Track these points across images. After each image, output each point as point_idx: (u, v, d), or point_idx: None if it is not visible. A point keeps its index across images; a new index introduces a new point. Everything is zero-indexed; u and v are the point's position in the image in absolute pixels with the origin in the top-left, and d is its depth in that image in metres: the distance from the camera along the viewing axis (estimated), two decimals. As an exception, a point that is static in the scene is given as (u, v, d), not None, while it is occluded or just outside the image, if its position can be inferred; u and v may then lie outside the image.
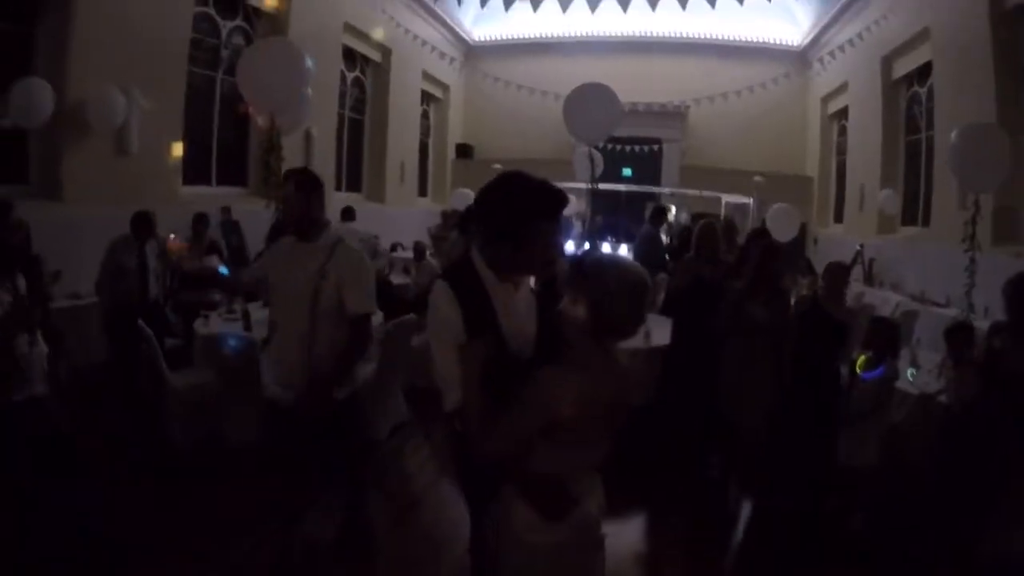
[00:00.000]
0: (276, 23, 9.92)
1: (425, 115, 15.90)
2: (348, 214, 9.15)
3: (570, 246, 12.81)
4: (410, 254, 10.69)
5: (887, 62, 11.46)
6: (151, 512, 3.76)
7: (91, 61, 6.73)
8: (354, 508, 3.16)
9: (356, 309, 3.04)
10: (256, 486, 3.98)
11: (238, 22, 9.64)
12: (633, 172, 15.10)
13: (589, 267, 1.88)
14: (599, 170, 11.76)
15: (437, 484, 4.60)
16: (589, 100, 6.31)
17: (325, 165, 11.07)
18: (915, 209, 10.91)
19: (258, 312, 5.31)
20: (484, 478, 2.00)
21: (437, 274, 7.39)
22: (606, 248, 11.78)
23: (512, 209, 1.98)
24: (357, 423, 3.33)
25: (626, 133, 12.77)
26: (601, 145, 12.37)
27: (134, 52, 7.15)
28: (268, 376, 3.14)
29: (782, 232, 9.44)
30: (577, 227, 14.31)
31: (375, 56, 13.09)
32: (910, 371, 4.62)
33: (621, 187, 14.12)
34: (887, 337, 4.16)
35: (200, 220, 7.26)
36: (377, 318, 5.82)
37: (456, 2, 14.32)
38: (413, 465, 4.98)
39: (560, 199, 2.01)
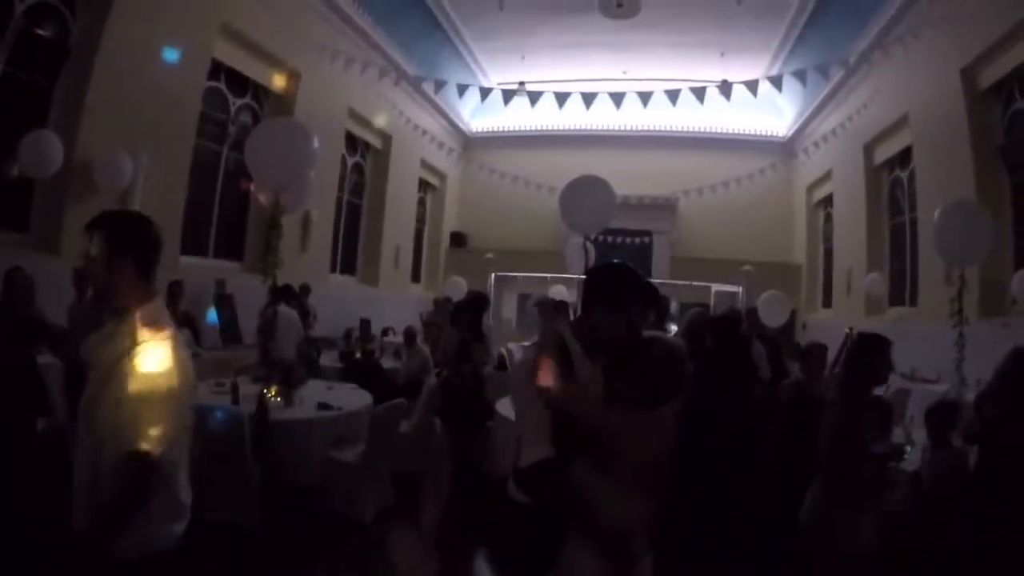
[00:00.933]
0: (283, 103, 10.29)
1: (422, 202, 16.24)
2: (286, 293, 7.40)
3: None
4: (400, 339, 10.78)
5: (869, 149, 11.90)
6: None
7: (104, 121, 6.92)
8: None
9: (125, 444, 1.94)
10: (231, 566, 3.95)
11: (247, 100, 10.00)
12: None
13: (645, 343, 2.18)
14: (591, 260, 11.98)
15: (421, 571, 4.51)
16: (585, 192, 6.49)
17: (322, 247, 11.29)
18: (902, 289, 11.08)
19: (248, 387, 5.32)
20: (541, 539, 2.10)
21: (427, 359, 7.47)
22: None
23: (630, 290, 2.25)
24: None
25: (617, 225, 13.02)
26: (593, 236, 12.66)
27: (146, 118, 7.36)
28: None
29: (773, 318, 9.57)
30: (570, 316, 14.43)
31: (376, 142, 13.51)
32: (907, 448, 4.58)
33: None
34: (881, 415, 4.10)
35: (172, 289, 7.30)
36: (365, 400, 5.85)
37: (457, 94, 14.91)
38: (398, 552, 4.89)
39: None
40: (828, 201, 14.50)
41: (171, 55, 7.63)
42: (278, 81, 10.23)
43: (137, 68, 7.24)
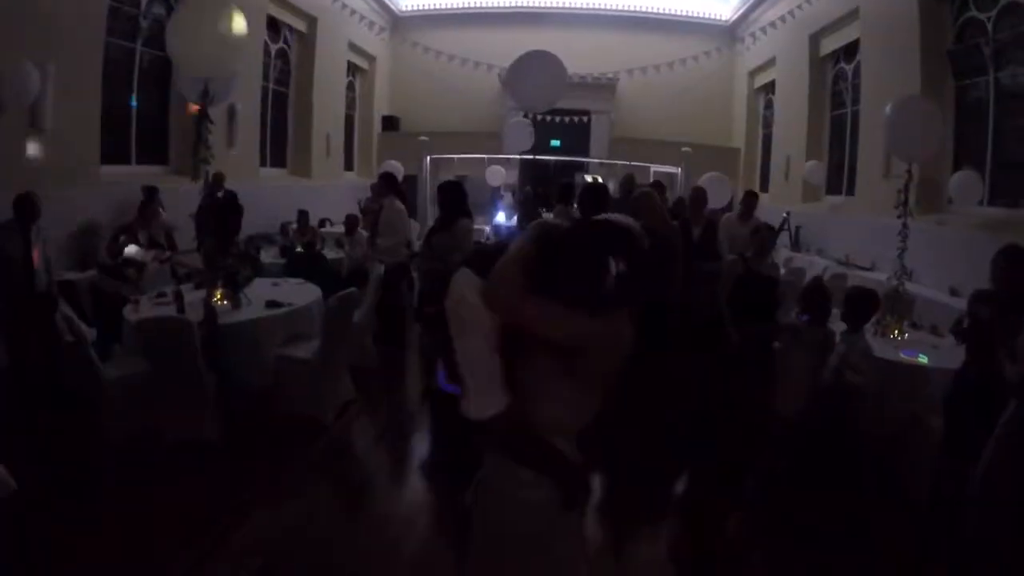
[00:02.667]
0: (197, -10, 9.23)
1: (351, 87, 15.32)
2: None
3: (501, 217, 12.85)
4: (339, 229, 10.42)
5: (815, 39, 11.81)
6: (93, 517, 3.43)
7: (2, 30, 6.07)
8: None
9: None
10: (202, 484, 3.81)
11: (158, -11, 8.90)
12: (562, 143, 15.08)
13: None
14: (527, 144, 11.73)
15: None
16: (534, 67, 6.17)
17: (250, 141, 10.56)
18: (839, 179, 11.32)
19: (191, 294, 5.00)
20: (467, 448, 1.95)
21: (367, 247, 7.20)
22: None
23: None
24: None
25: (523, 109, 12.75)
26: (530, 116, 12.32)
27: (49, 21, 6.49)
28: None
29: (714, 199, 9.64)
30: (507, 198, 14.32)
31: (300, 26, 12.47)
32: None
33: (550, 158, 14.12)
34: (821, 300, 4.25)
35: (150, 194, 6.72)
36: (313, 293, 5.61)
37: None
38: (363, 449, 4.82)
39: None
40: (769, 88, 14.47)
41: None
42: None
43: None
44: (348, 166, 15.25)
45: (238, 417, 4.49)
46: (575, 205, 5.97)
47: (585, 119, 15.29)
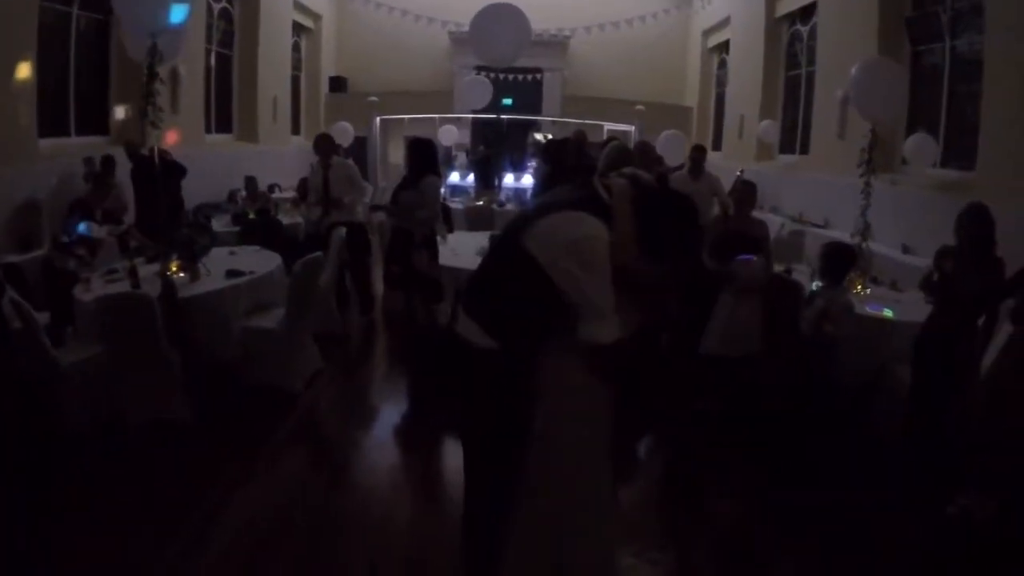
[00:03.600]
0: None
1: (296, 47, 14.74)
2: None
3: (455, 177, 12.68)
4: (290, 194, 10.15)
5: (771, 1, 11.81)
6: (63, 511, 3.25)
7: None
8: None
9: None
10: (174, 465, 3.66)
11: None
12: (514, 102, 14.89)
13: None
14: (484, 101, 11.53)
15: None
16: (497, 21, 6.01)
17: (194, 106, 10.10)
18: (793, 139, 11.45)
19: (145, 268, 4.76)
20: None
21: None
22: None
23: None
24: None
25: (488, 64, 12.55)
26: (480, 73, 12.12)
27: None
28: None
29: (670, 157, 9.70)
30: (460, 158, 14.14)
31: (243, -16, 11.92)
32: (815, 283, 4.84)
33: (503, 116, 13.92)
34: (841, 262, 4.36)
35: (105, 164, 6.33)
36: (273, 260, 5.41)
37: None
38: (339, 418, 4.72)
39: None
40: (723, 47, 14.50)
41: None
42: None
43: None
44: (295, 130, 14.76)
45: (206, 394, 4.31)
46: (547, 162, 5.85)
47: (538, 76, 15.13)
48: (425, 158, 5.42)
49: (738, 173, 11.21)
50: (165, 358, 4.05)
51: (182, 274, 4.71)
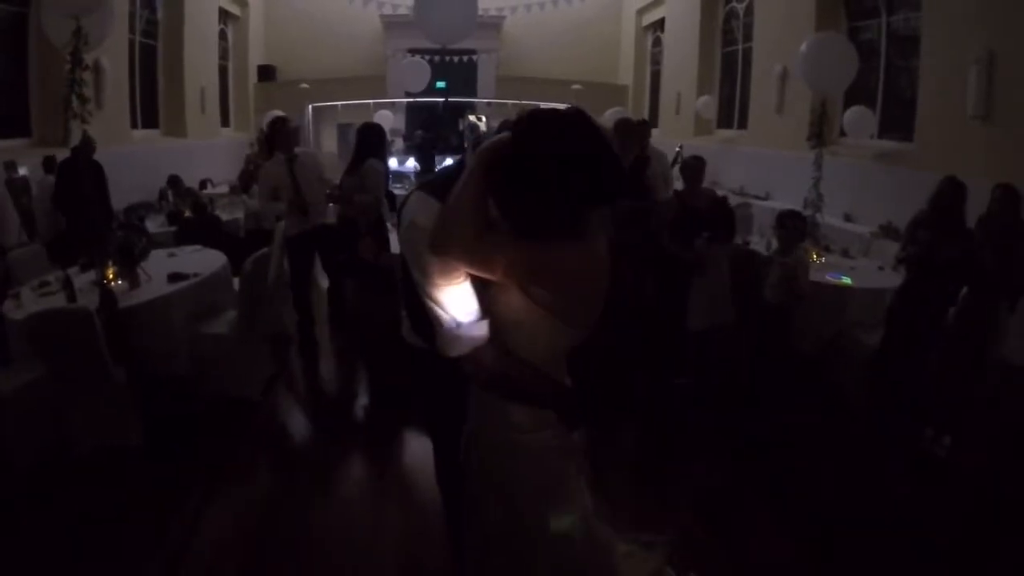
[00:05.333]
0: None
1: (223, 36, 14.16)
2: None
3: (392, 163, 12.43)
4: (223, 189, 9.78)
5: (707, -21, 11.97)
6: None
7: None
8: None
9: None
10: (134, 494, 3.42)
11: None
12: (448, 84, 14.68)
13: None
14: (423, 84, 11.31)
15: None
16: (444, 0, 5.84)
17: (119, 100, 9.55)
18: (730, 114, 11.62)
19: (80, 277, 4.45)
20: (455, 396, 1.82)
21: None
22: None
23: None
24: None
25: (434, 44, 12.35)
26: (409, 57, 11.88)
27: None
28: None
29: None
30: (397, 143, 13.88)
31: (166, -30, 11.32)
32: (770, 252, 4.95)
33: (438, 99, 13.74)
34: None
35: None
36: (218, 260, 5.13)
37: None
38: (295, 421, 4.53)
39: None
40: (658, 25, 14.64)
41: None
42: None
43: None
44: (224, 122, 14.20)
45: (159, 411, 4.04)
46: None
47: (472, 58, 14.93)
48: (368, 143, 5.22)
49: (677, 149, 11.36)
50: (110, 375, 3.76)
51: (120, 281, 4.38)
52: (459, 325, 1.60)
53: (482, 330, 1.61)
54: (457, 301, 1.60)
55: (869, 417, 4.21)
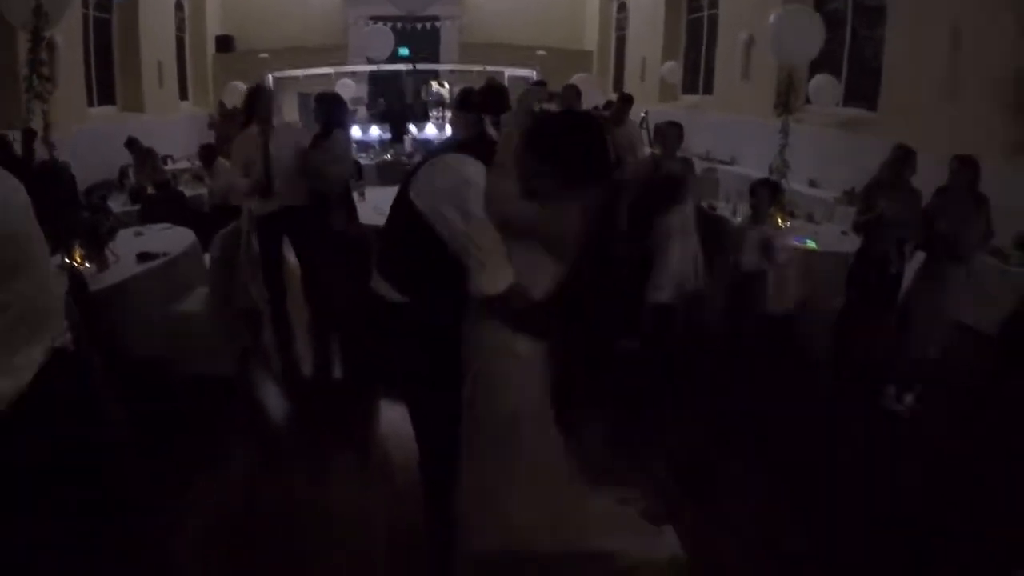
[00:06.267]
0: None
1: (179, 6, 13.70)
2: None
3: (356, 132, 12.26)
4: (184, 164, 9.58)
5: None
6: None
7: None
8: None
9: None
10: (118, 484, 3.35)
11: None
12: (411, 51, 14.49)
13: None
14: (387, 51, 11.13)
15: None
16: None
17: (74, 77, 9.25)
18: (695, 80, 11.67)
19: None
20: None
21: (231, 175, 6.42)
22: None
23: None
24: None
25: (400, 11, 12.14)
26: (371, 24, 11.68)
27: None
28: None
29: (587, 99, 9.73)
30: (361, 112, 13.69)
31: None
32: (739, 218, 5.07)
33: (400, 67, 13.63)
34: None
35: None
36: (187, 237, 5.06)
37: None
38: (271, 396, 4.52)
39: None
40: (622, -10, 14.50)
41: None
42: None
43: None
44: (183, 95, 13.84)
45: (135, 394, 3.98)
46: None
47: (435, 24, 14.74)
48: (330, 113, 5.16)
49: (642, 115, 11.40)
50: (82, 364, 3.70)
51: (88, 264, 4.33)
52: (497, 266, 1.92)
53: (511, 273, 1.95)
54: (501, 247, 1.93)
55: (835, 376, 4.42)
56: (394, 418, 3.85)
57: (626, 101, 7.17)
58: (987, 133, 5.54)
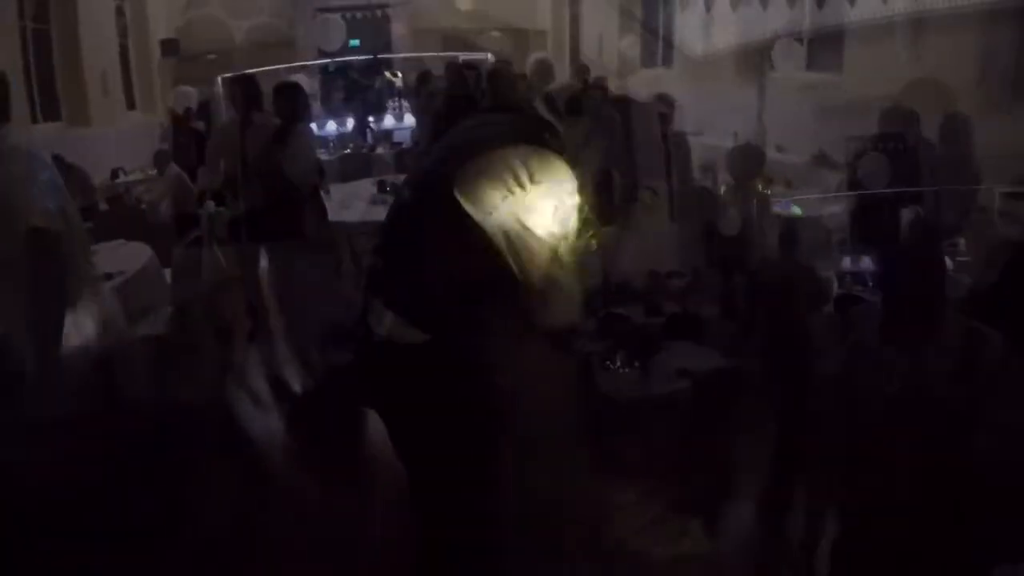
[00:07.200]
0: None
1: (120, 12, 13.26)
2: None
3: (312, 127, 12.00)
4: (138, 175, 9.34)
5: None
6: None
7: None
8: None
9: None
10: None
11: None
12: (361, 43, 14.17)
13: None
14: (339, 41, 10.93)
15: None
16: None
17: (15, 94, 8.80)
18: (654, 52, 11.65)
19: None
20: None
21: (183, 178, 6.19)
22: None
23: None
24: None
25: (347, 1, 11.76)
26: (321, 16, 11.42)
27: None
28: None
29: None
30: (316, 108, 13.39)
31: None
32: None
33: (355, 59, 13.38)
34: None
35: None
36: (144, 252, 4.83)
37: None
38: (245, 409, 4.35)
39: None
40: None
41: None
42: None
43: None
44: (131, 104, 13.42)
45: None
46: None
47: (386, 11, 14.45)
48: (294, 105, 4.93)
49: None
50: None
51: (43, 289, 4.11)
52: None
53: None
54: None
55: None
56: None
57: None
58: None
